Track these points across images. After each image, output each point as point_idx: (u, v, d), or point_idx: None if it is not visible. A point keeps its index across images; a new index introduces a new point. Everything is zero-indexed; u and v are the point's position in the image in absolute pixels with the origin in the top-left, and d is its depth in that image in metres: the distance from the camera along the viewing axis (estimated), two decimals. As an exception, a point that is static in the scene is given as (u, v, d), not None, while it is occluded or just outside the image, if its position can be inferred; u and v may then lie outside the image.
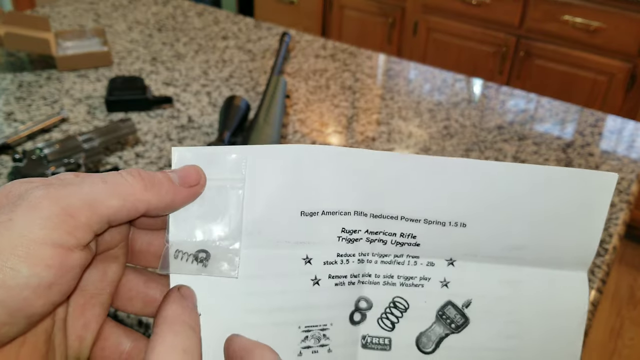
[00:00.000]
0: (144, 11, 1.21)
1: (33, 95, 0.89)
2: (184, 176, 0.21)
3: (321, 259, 0.22)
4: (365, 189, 0.22)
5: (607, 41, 1.59)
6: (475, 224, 0.22)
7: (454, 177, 0.21)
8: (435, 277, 0.23)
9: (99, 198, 0.20)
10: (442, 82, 1.01)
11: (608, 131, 0.89)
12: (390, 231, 0.22)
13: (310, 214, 0.22)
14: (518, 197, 0.22)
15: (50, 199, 0.19)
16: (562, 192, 0.22)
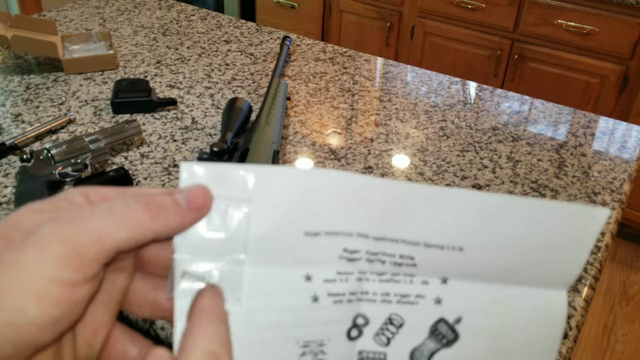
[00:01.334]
0: (148, 15, 1.23)
1: (40, 97, 0.91)
2: (191, 199, 0.21)
3: (321, 277, 0.23)
4: (369, 214, 0.22)
5: (599, 44, 1.62)
6: (472, 249, 0.23)
7: (454, 207, 0.22)
8: (429, 295, 0.24)
9: (107, 232, 0.20)
10: (438, 84, 1.03)
11: (600, 132, 0.91)
12: (390, 252, 0.23)
13: (314, 234, 0.22)
14: (513, 227, 0.23)
15: (59, 237, 0.19)
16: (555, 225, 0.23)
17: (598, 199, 0.76)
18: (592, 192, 0.77)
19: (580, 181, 0.79)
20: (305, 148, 0.83)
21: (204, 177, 0.21)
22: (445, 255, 0.23)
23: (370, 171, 0.78)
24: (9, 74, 0.97)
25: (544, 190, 0.77)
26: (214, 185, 0.21)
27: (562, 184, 0.78)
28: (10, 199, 0.69)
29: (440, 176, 0.78)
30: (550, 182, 0.78)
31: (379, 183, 0.22)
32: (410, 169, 0.80)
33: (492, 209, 0.23)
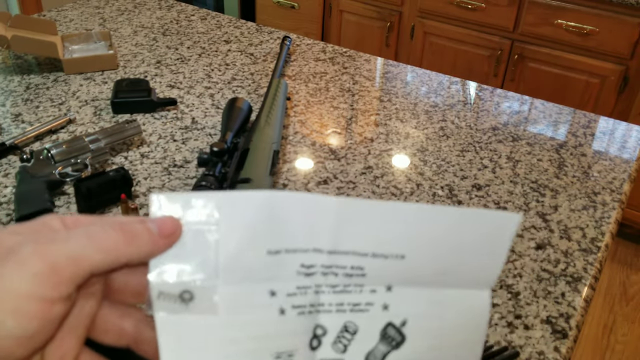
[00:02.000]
0: (148, 15, 1.23)
1: (40, 97, 0.91)
2: (161, 226, 0.23)
3: (284, 291, 0.25)
4: (322, 230, 0.25)
5: (599, 44, 1.62)
6: (411, 256, 0.26)
7: (394, 219, 0.25)
8: (378, 302, 0.27)
9: (83, 254, 0.21)
10: (438, 84, 1.03)
11: (600, 132, 0.91)
12: (342, 265, 0.25)
13: (275, 252, 0.24)
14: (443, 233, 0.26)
15: (38, 255, 0.20)
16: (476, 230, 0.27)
17: (598, 198, 0.76)
18: (592, 192, 0.77)
19: (580, 181, 0.79)
20: (305, 148, 0.83)
21: (173, 206, 0.24)
22: (390, 264, 0.26)
23: (370, 171, 0.78)
24: (9, 74, 0.97)
25: (544, 190, 0.77)
26: (184, 213, 0.24)
27: (562, 184, 0.78)
28: (10, 199, 0.69)
29: (440, 176, 0.78)
30: (550, 182, 0.78)
31: (329, 201, 0.24)
32: (410, 169, 0.80)
33: (425, 218, 0.26)
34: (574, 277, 0.63)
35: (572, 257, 0.66)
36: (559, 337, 0.56)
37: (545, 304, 0.59)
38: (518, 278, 0.62)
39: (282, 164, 0.79)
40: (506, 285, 0.61)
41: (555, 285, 0.62)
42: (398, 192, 0.74)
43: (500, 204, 0.74)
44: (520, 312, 0.58)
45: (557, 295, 0.60)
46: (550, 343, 0.55)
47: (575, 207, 0.74)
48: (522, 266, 0.64)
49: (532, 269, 0.64)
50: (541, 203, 0.74)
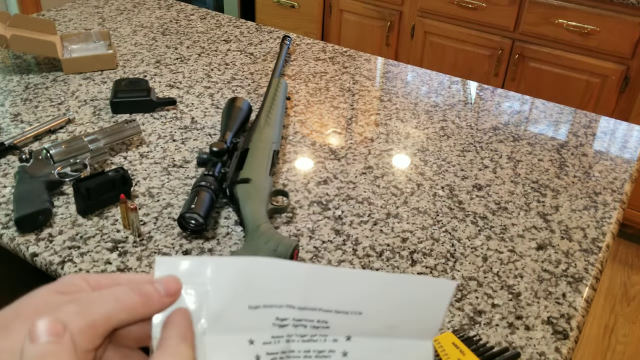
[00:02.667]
0: (148, 15, 1.23)
1: (39, 97, 0.91)
2: (167, 287, 0.28)
3: (261, 340, 0.30)
4: (294, 290, 0.30)
5: (600, 44, 1.61)
6: (367, 312, 0.32)
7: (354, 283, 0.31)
8: (339, 350, 0.32)
9: (113, 313, 0.27)
10: (438, 84, 1.03)
11: (601, 132, 0.91)
12: (310, 318, 0.31)
13: (255, 307, 0.30)
14: (393, 295, 0.32)
15: (81, 315, 0.26)
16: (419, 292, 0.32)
17: (599, 199, 0.75)
18: (593, 192, 0.76)
19: (581, 181, 0.79)
20: (305, 148, 0.82)
21: (174, 269, 0.29)
22: (349, 318, 0.32)
23: (370, 171, 0.78)
24: (8, 74, 0.97)
25: (544, 190, 0.76)
26: (182, 274, 0.29)
27: (563, 184, 0.78)
28: (9, 199, 0.69)
29: (440, 176, 0.78)
30: (551, 182, 0.78)
31: (300, 268, 0.30)
32: (410, 169, 0.79)
33: (379, 283, 0.32)
34: (575, 278, 0.63)
35: (573, 257, 0.65)
36: (560, 337, 0.55)
37: (546, 305, 0.59)
38: (519, 279, 0.62)
39: (282, 164, 0.79)
40: (507, 286, 0.61)
41: (556, 285, 0.61)
42: (398, 192, 0.74)
43: (501, 204, 0.73)
44: (521, 312, 0.58)
45: (558, 296, 0.60)
46: (551, 344, 0.55)
47: (576, 207, 0.74)
48: (523, 267, 0.64)
49: (533, 270, 0.63)
50: (542, 203, 0.74)
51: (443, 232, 0.68)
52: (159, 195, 0.71)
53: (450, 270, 0.63)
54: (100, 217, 0.67)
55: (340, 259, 0.63)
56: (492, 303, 0.59)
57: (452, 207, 0.72)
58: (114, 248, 0.63)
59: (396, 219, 0.69)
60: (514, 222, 0.70)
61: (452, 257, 0.64)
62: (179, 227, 0.65)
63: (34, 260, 0.62)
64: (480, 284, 0.61)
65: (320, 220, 0.68)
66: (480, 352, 0.52)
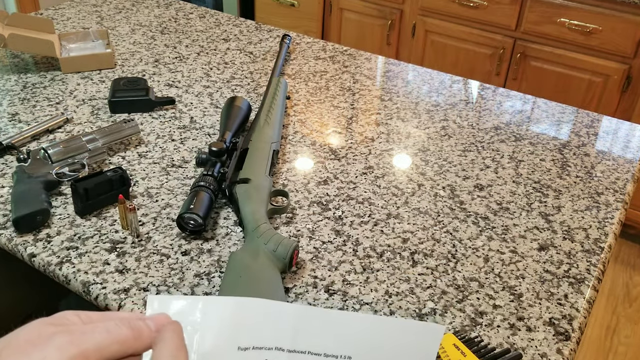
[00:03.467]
0: (146, 14, 1.22)
1: (37, 96, 0.90)
2: (158, 323, 0.29)
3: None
4: (284, 332, 0.31)
5: (602, 43, 1.60)
6: (357, 356, 0.32)
7: (343, 326, 0.32)
8: None
9: (104, 345, 0.27)
10: (439, 83, 1.02)
11: (603, 132, 0.90)
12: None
13: (244, 349, 0.30)
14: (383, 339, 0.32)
15: (73, 344, 0.26)
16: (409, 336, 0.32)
17: (601, 199, 0.75)
18: (595, 193, 0.76)
19: (583, 181, 0.78)
20: (305, 148, 0.82)
21: (165, 307, 0.30)
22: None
23: (371, 171, 0.78)
24: (5, 73, 0.97)
25: (546, 191, 0.76)
26: (173, 313, 0.30)
27: (565, 184, 0.77)
28: (7, 199, 0.68)
29: (441, 176, 0.77)
30: (553, 182, 0.77)
31: (289, 309, 0.31)
32: (411, 168, 0.79)
33: (368, 326, 0.32)
34: (576, 279, 0.62)
35: (575, 258, 0.65)
36: (561, 339, 0.55)
37: (548, 306, 0.58)
38: (521, 279, 0.61)
39: (281, 164, 0.78)
40: (509, 287, 0.60)
41: (558, 286, 0.61)
42: (399, 193, 0.74)
43: (503, 204, 0.73)
44: (523, 313, 0.57)
45: (559, 297, 0.60)
46: (553, 345, 0.54)
47: (578, 207, 0.73)
48: (525, 267, 0.63)
49: (535, 270, 0.63)
50: (544, 203, 0.73)
51: (444, 233, 0.67)
52: (158, 196, 0.70)
53: (451, 271, 0.62)
54: (98, 218, 0.66)
55: (341, 260, 0.63)
56: (493, 304, 0.58)
57: (454, 207, 0.72)
58: (112, 249, 0.62)
59: (397, 219, 0.69)
60: (515, 223, 0.70)
61: (454, 257, 0.64)
62: (177, 228, 0.64)
63: (32, 261, 0.61)
64: (481, 285, 0.60)
65: (321, 220, 0.68)
66: (482, 353, 0.52)
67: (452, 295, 0.59)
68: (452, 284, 0.60)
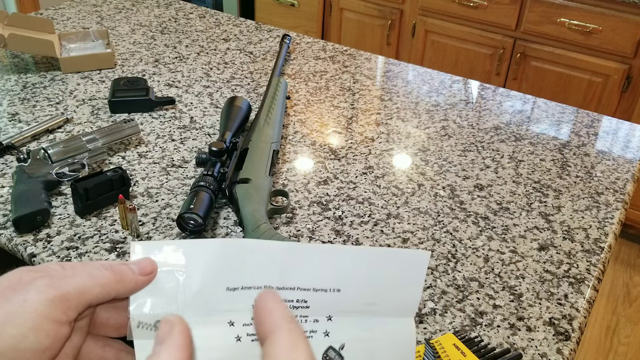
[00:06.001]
0: (146, 14, 1.22)
1: (37, 96, 0.90)
2: (141, 267, 0.29)
3: (241, 322, 0.30)
4: (271, 270, 0.30)
5: (602, 43, 1.60)
6: (346, 289, 0.32)
7: (331, 259, 0.31)
8: (320, 330, 0.32)
9: (86, 287, 0.27)
10: (440, 83, 1.02)
11: (603, 132, 0.90)
12: (289, 298, 0.31)
13: (233, 289, 0.30)
14: (369, 270, 0.32)
15: (54, 287, 0.26)
16: (396, 265, 0.32)
17: (601, 199, 0.75)
18: (595, 193, 0.76)
19: (583, 181, 0.78)
20: (305, 148, 0.82)
21: (150, 252, 0.29)
22: (328, 296, 0.32)
23: (371, 171, 0.78)
24: (5, 73, 0.96)
25: (546, 191, 0.76)
26: (158, 258, 0.29)
27: (565, 184, 0.77)
28: (7, 199, 0.68)
29: (441, 176, 0.77)
30: (553, 182, 0.77)
31: (275, 246, 0.30)
32: (411, 168, 0.79)
33: (354, 258, 0.32)
34: (576, 279, 0.62)
35: (575, 258, 0.65)
36: (561, 339, 0.55)
37: (548, 306, 0.58)
38: (521, 279, 0.61)
39: (281, 164, 0.78)
40: (509, 287, 0.60)
41: (558, 286, 0.61)
42: (399, 193, 0.74)
43: (503, 204, 0.73)
44: (523, 313, 0.57)
45: (559, 297, 0.59)
46: (553, 345, 0.54)
47: (578, 207, 0.73)
48: (525, 267, 0.63)
49: (535, 270, 0.63)
50: (544, 203, 0.73)
51: (444, 233, 0.67)
52: (158, 196, 0.70)
53: (451, 271, 0.62)
54: (98, 218, 0.66)
55: (340, 260, 0.63)
56: (493, 304, 0.58)
57: (454, 207, 0.72)
58: (112, 249, 0.62)
59: (397, 219, 0.69)
60: (515, 223, 0.70)
61: (454, 257, 0.64)
62: (177, 228, 0.64)
63: (32, 261, 0.61)
64: (481, 285, 0.60)
65: (321, 220, 0.68)
66: (482, 353, 0.52)
67: (452, 295, 0.59)
68: (452, 284, 0.60)
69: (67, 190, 0.70)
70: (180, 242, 0.30)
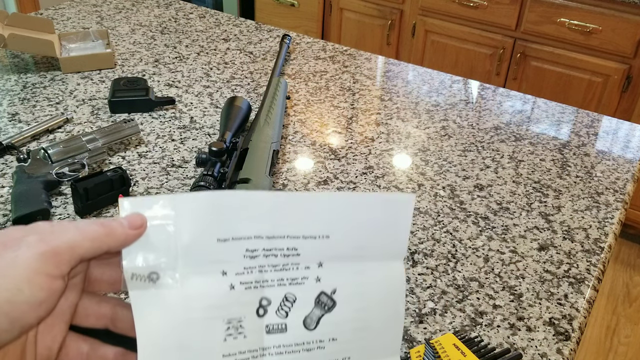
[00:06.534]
0: (146, 14, 1.22)
1: (37, 96, 0.90)
2: (131, 221, 0.29)
3: (234, 271, 0.31)
4: (262, 220, 0.31)
5: (602, 43, 1.60)
6: (335, 235, 0.32)
7: (318, 206, 0.32)
8: (311, 276, 0.33)
9: (76, 242, 0.28)
10: (439, 83, 1.02)
11: (603, 132, 0.90)
12: (280, 247, 0.31)
13: (224, 240, 0.30)
14: (356, 215, 0.33)
15: (44, 242, 0.27)
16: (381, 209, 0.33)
17: (601, 199, 0.75)
18: (595, 193, 0.76)
19: (583, 181, 0.78)
20: (305, 148, 0.82)
21: (138, 207, 0.30)
22: (318, 243, 0.32)
23: (371, 171, 0.78)
24: (5, 73, 0.97)
25: (546, 191, 0.76)
26: (148, 212, 0.30)
27: (565, 184, 0.77)
28: (7, 199, 0.68)
29: (442, 176, 0.77)
30: (553, 182, 0.77)
31: (263, 196, 0.31)
32: (411, 168, 0.79)
33: (341, 204, 0.32)
34: (576, 279, 0.62)
35: (575, 258, 0.65)
36: (561, 339, 0.55)
37: (548, 306, 0.58)
38: (521, 279, 0.61)
39: (281, 164, 0.78)
40: (509, 287, 0.60)
41: (558, 286, 0.61)
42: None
43: (503, 204, 0.73)
44: (523, 313, 0.57)
45: (559, 297, 0.59)
46: (553, 345, 0.54)
47: (578, 207, 0.73)
48: (525, 267, 0.63)
49: (535, 270, 0.63)
50: (544, 203, 0.73)
51: (444, 233, 0.67)
52: (158, 196, 0.70)
53: (451, 271, 0.62)
54: (98, 218, 0.66)
55: (340, 260, 0.63)
56: (493, 304, 0.58)
57: (454, 207, 0.72)
58: (111, 249, 0.62)
59: (397, 219, 0.69)
60: (515, 223, 0.70)
61: (454, 257, 0.64)
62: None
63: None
64: (481, 285, 0.60)
65: (320, 220, 0.68)
66: (482, 353, 0.52)
67: (452, 295, 0.59)
68: (452, 284, 0.60)
69: (67, 190, 0.70)
70: (168, 196, 0.30)
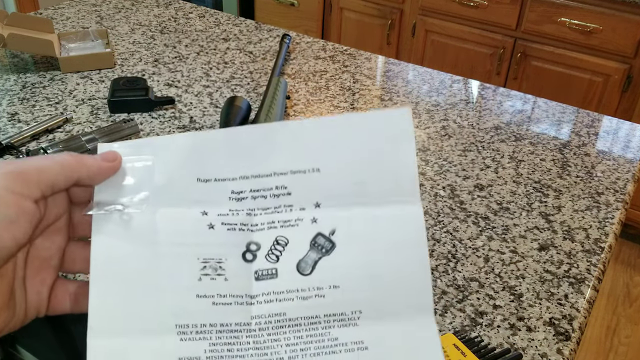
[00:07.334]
0: (146, 13, 1.22)
1: (37, 96, 0.90)
2: (104, 156, 0.29)
3: (216, 212, 0.29)
4: (244, 158, 0.29)
5: (603, 42, 1.60)
6: (326, 167, 0.29)
7: (301, 136, 0.29)
8: (307, 217, 0.30)
9: (44, 165, 0.28)
10: (440, 83, 1.02)
11: (604, 132, 0.90)
12: (268, 186, 0.29)
13: (205, 181, 0.29)
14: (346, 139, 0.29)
15: (10, 164, 0.27)
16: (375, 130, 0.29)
17: (602, 199, 0.75)
18: (595, 193, 0.76)
19: (583, 181, 0.78)
20: (305, 147, 0.82)
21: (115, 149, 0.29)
22: (308, 178, 0.29)
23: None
24: (5, 73, 0.96)
25: (547, 191, 0.76)
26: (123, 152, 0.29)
27: (566, 184, 0.77)
28: (5, 199, 0.68)
29: (442, 176, 0.77)
30: (554, 182, 0.77)
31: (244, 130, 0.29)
32: (411, 168, 0.78)
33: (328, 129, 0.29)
34: (577, 279, 0.62)
35: (575, 258, 0.65)
36: (562, 339, 0.55)
37: (548, 306, 0.58)
38: (521, 279, 0.61)
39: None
40: (509, 287, 0.60)
41: (558, 286, 0.61)
42: (398, 192, 0.73)
43: (503, 204, 0.73)
44: (523, 313, 0.57)
45: (560, 297, 0.59)
46: (553, 345, 0.54)
47: (578, 207, 0.73)
48: (525, 267, 0.63)
49: (535, 270, 0.63)
50: (544, 203, 0.73)
51: (444, 233, 0.67)
52: (157, 195, 0.70)
53: (451, 271, 0.62)
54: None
55: (340, 260, 0.62)
56: (493, 304, 0.58)
57: (454, 207, 0.71)
58: (110, 249, 0.62)
59: (396, 219, 0.69)
60: (515, 223, 0.69)
61: (454, 257, 0.64)
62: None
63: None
64: (481, 285, 0.60)
65: (320, 220, 0.68)
66: (482, 353, 0.52)
67: (452, 295, 0.59)
68: (452, 284, 0.60)
69: (66, 190, 0.70)
70: (146, 138, 0.30)
